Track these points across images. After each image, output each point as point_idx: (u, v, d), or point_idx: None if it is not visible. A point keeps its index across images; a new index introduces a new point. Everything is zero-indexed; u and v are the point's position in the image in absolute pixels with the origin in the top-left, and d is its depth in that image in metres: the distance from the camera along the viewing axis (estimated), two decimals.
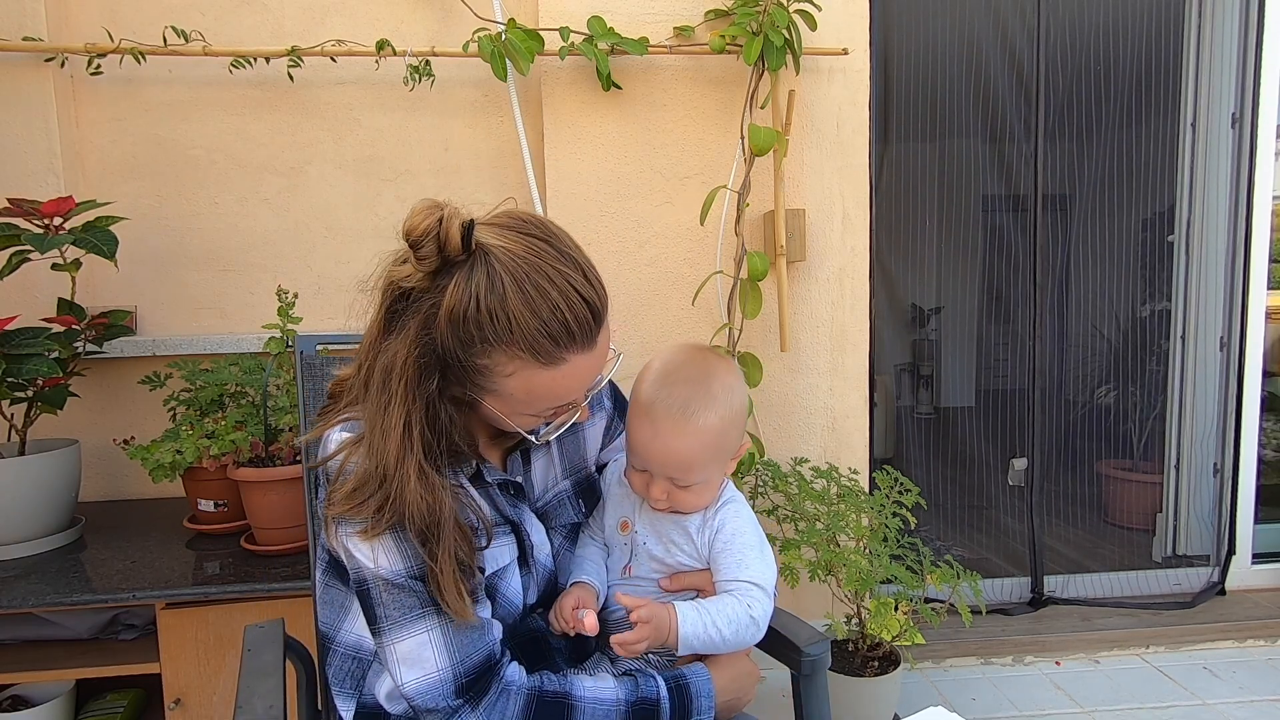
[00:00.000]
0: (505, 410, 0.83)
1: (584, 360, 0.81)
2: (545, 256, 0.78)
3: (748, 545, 0.95)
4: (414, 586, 0.82)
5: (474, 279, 0.76)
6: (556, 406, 0.85)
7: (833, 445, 2.31)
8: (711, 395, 0.91)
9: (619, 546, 1.01)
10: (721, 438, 0.92)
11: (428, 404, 0.80)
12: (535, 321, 0.76)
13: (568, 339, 0.78)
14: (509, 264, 0.76)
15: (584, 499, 1.04)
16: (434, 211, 0.75)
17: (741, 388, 0.96)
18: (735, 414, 0.94)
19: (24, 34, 1.93)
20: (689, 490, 0.93)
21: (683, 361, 0.94)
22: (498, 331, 0.76)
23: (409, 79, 2.03)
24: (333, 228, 2.20)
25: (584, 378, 0.83)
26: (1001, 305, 2.99)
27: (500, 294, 0.75)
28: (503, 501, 0.94)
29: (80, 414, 2.04)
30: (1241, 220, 2.58)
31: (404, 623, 0.82)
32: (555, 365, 0.79)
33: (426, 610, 0.82)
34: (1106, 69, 2.77)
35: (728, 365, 0.96)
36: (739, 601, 0.91)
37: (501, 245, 0.77)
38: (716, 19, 2.11)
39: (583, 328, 0.79)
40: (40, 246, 1.60)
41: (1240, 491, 2.65)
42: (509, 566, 0.93)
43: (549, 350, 0.78)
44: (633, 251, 2.19)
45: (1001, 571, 2.73)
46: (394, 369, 0.79)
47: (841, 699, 1.88)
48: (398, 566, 0.82)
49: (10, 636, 1.67)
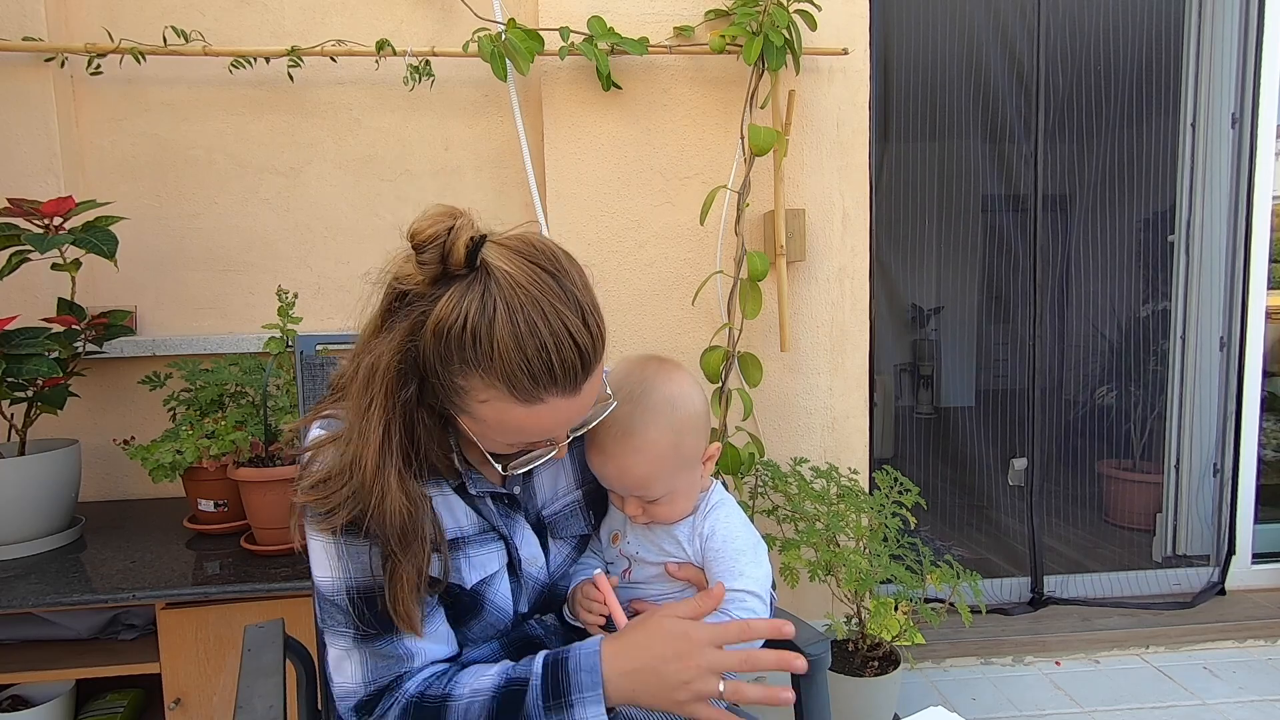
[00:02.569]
0: (478, 433, 0.81)
1: (564, 404, 0.77)
2: (547, 291, 0.74)
3: (739, 550, 0.93)
4: (340, 603, 0.84)
5: (468, 296, 0.73)
6: (531, 441, 0.83)
7: (832, 445, 2.31)
8: (650, 409, 0.89)
9: (614, 557, 1.01)
10: (673, 450, 0.90)
11: (405, 412, 0.79)
12: (518, 356, 0.72)
13: (549, 381, 0.74)
14: (507, 290, 0.73)
15: (594, 510, 1.03)
16: (447, 220, 0.73)
17: (687, 394, 0.92)
18: (683, 423, 0.91)
19: (24, 34, 1.93)
20: (659, 504, 0.92)
21: (621, 378, 0.92)
22: (479, 356, 0.73)
23: (409, 79, 2.03)
24: (333, 228, 2.20)
25: (561, 421, 0.79)
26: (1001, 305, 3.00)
27: (489, 319, 0.72)
28: (492, 512, 0.93)
29: (80, 414, 2.04)
30: (1241, 220, 2.58)
31: (331, 631, 0.87)
32: (531, 404, 0.75)
33: (348, 630, 0.85)
34: (1106, 69, 2.77)
35: (668, 375, 0.92)
36: (732, 617, 0.89)
37: (506, 270, 0.73)
38: (716, 19, 2.11)
39: (568, 372, 0.75)
40: (40, 246, 1.60)
41: (1240, 491, 2.65)
42: (497, 574, 0.92)
43: (527, 388, 0.74)
44: (632, 251, 2.19)
45: (1001, 571, 2.73)
46: (376, 371, 0.77)
47: (841, 699, 1.88)
48: (328, 575, 0.85)
49: (10, 636, 1.67)
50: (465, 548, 0.90)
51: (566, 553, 1.01)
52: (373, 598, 0.84)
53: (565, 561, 1.00)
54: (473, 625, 0.92)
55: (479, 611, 0.91)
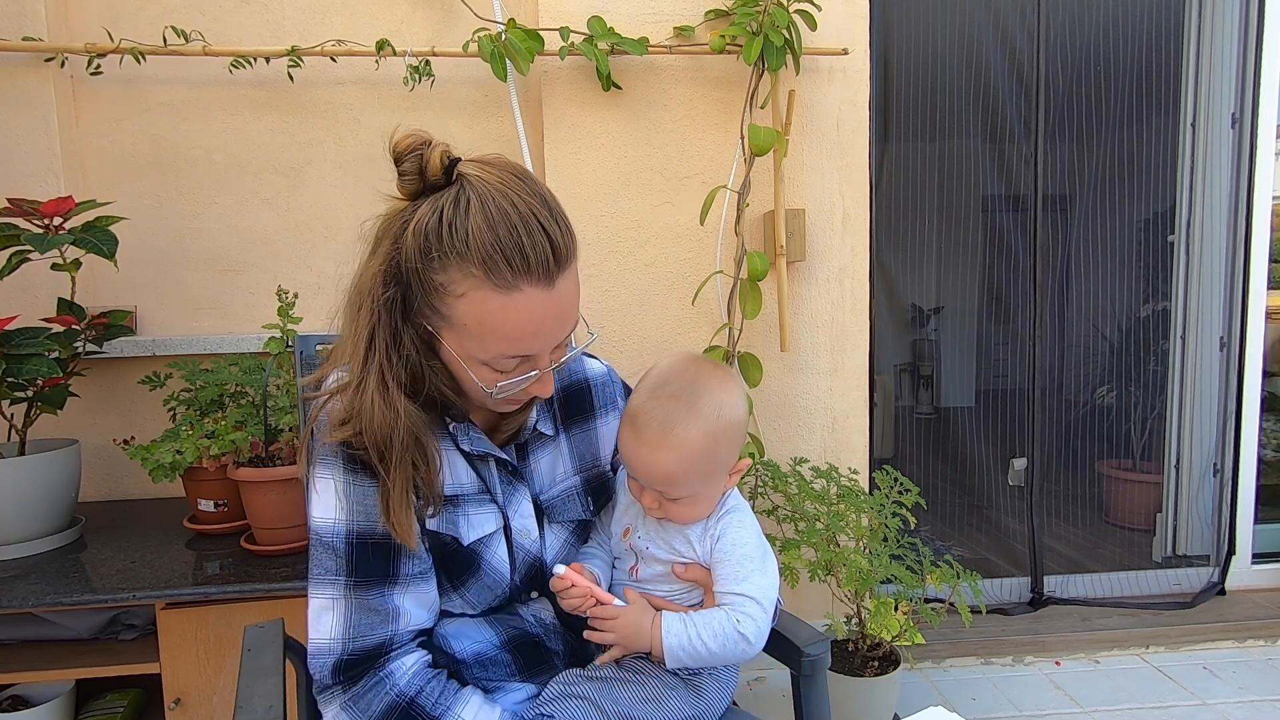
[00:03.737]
0: (461, 352, 0.83)
1: (540, 296, 0.80)
2: (516, 188, 0.80)
3: (747, 557, 0.93)
4: (336, 545, 0.85)
5: (444, 198, 0.79)
6: (513, 356, 0.83)
7: (833, 445, 2.31)
8: (697, 411, 0.89)
9: (622, 552, 1.01)
10: (707, 455, 0.90)
11: (390, 320, 0.83)
12: (490, 237, 0.77)
13: (522, 264, 0.78)
14: (480, 187, 0.79)
15: (593, 496, 1.04)
16: (420, 135, 0.80)
17: (735, 404, 0.93)
18: (723, 431, 0.91)
19: (24, 34, 1.93)
20: (678, 503, 0.92)
21: (675, 374, 0.92)
22: (454, 243, 0.77)
23: (409, 79, 2.03)
24: (333, 228, 2.20)
25: (539, 319, 0.81)
26: (1001, 305, 2.99)
27: (465, 209, 0.78)
28: (493, 477, 0.95)
29: (80, 414, 2.04)
30: (1241, 220, 2.58)
31: (318, 581, 0.86)
32: (507, 292, 0.78)
33: (338, 578, 0.85)
34: (1106, 69, 2.77)
35: (721, 380, 0.93)
36: (729, 617, 0.90)
37: (479, 175, 0.80)
38: (716, 19, 2.11)
39: (539, 258, 0.78)
40: (40, 246, 1.60)
41: (1240, 491, 2.65)
42: (494, 535, 0.93)
43: (501, 270, 0.77)
44: (632, 251, 2.19)
45: (1001, 571, 2.73)
46: (364, 285, 0.83)
47: (841, 699, 1.88)
48: (330, 515, 0.85)
49: (10, 636, 1.67)
50: (464, 505, 0.92)
51: (565, 538, 1.01)
52: (371, 544, 0.85)
53: (564, 547, 1.01)
54: (470, 585, 0.93)
55: (476, 570, 0.92)
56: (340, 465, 0.85)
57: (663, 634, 0.89)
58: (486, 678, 0.95)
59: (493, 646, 0.95)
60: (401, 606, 0.87)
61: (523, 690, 0.97)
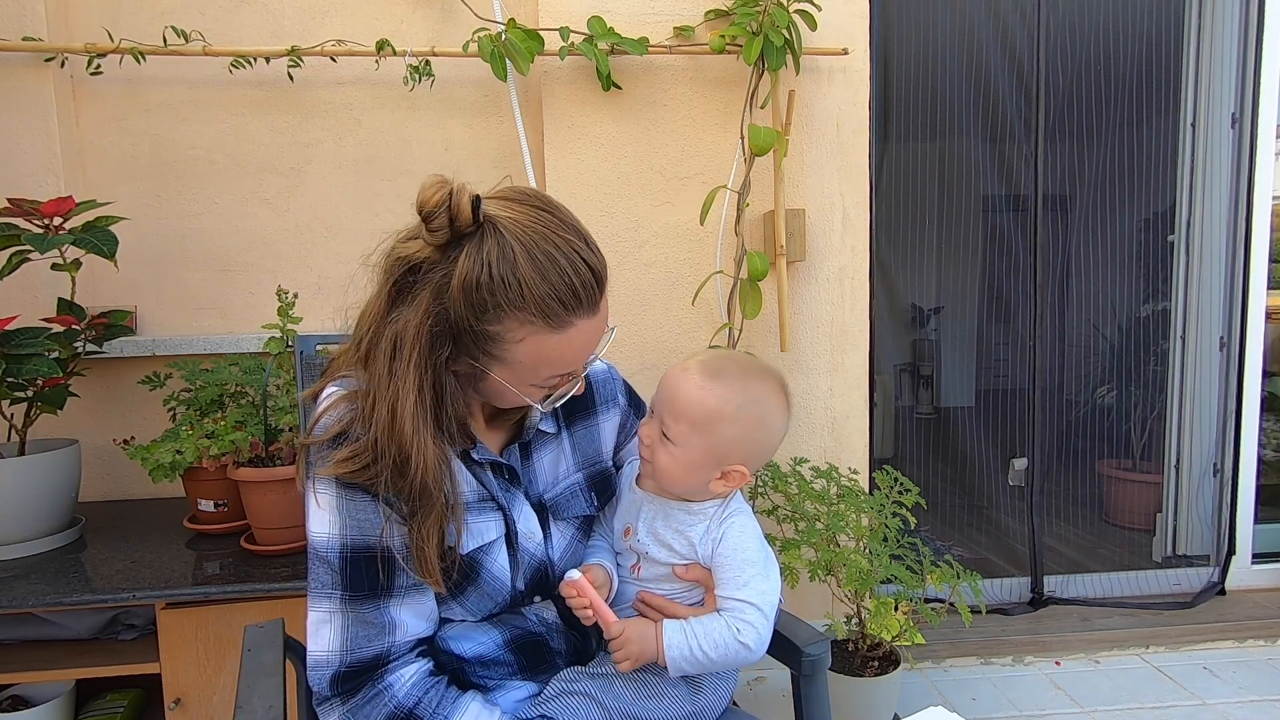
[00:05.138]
0: (512, 380, 0.85)
1: (589, 325, 0.85)
2: (550, 225, 0.82)
3: (748, 561, 0.93)
4: (331, 559, 0.85)
5: (485, 248, 0.79)
6: (560, 375, 0.88)
7: (833, 445, 2.31)
8: (746, 386, 0.93)
9: (624, 550, 1.01)
10: (720, 418, 0.92)
11: (436, 373, 0.83)
12: (545, 287, 0.79)
13: (575, 303, 0.82)
14: (517, 233, 0.80)
15: (596, 492, 1.04)
16: (444, 185, 0.78)
17: (776, 413, 0.95)
18: (748, 419, 0.93)
19: (24, 34, 1.93)
20: (666, 447, 0.94)
21: (750, 360, 0.98)
22: (510, 298, 0.79)
23: (409, 79, 2.03)
24: (333, 228, 2.20)
25: (588, 343, 0.87)
26: (1001, 305, 2.99)
27: (511, 261, 0.78)
28: (492, 482, 0.95)
29: (80, 414, 2.04)
30: (1241, 220, 2.58)
31: (315, 594, 0.86)
32: (563, 330, 0.82)
33: (334, 592, 0.85)
34: (1106, 69, 2.77)
35: (778, 393, 0.96)
36: (729, 626, 0.90)
37: (508, 216, 0.81)
38: (716, 19, 2.11)
39: (588, 292, 0.83)
40: (40, 246, 1.60)
41: (1240, 491, 2.65)
42: (495, 543, 0.93)
43: (559, 315, 0.81)
44: (633, 251, 2.19)
45: (1001, 571, 2.73)
46: (406, 338, 0.81)
47: (841, 699, 1.88)
48: (325, 530, 0.85)
49: (10, 636, 1.67)
50: (464, 514, 0.92)
51: (571, 534, 1.01)
52: (365, 558, 0.85)
53: (570, 543, 1.01)
54: (469, 594, 0.92)
55: (475, 579, 0.92)
56: (335, 479, 0.85)
57: (664, 646, 0.90)
58: (488, 675, 0.95)
59: (495, 647, 0.95)
60: (398, 619, 0.87)
61: (524, 689, 0.97)
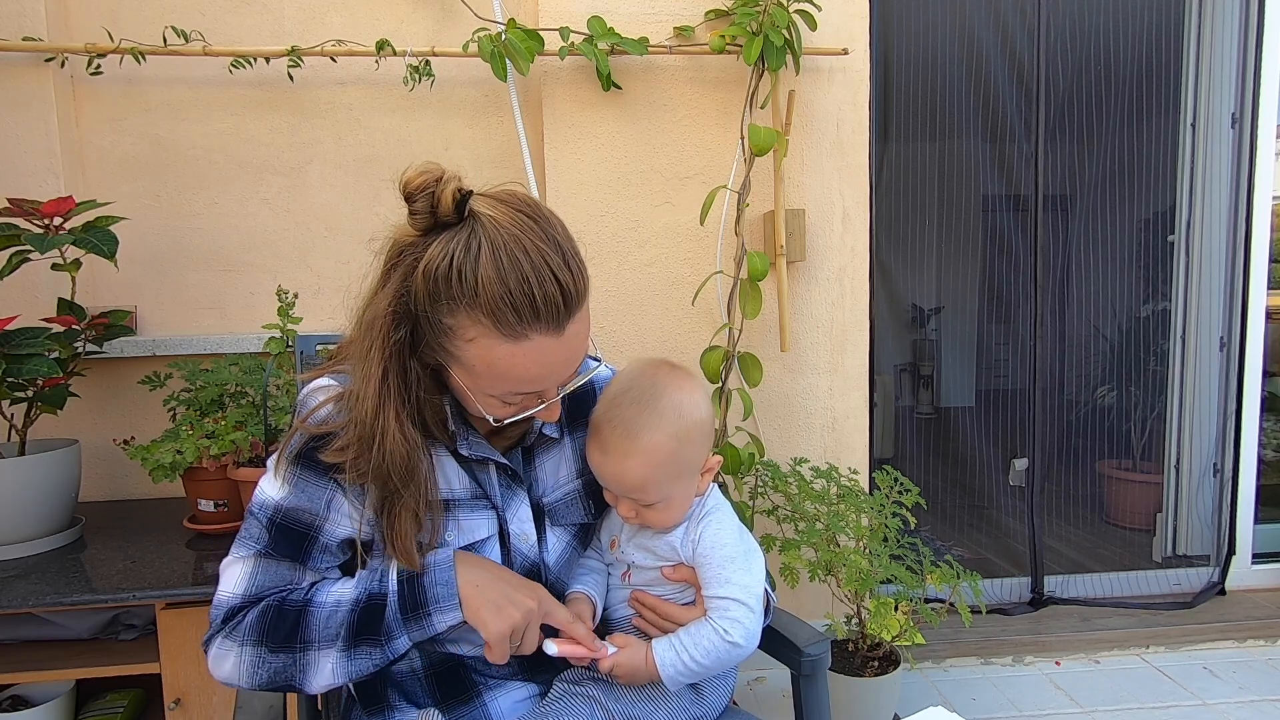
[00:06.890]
0: (469, 384, 0.83)
1: (549, 344, 0.80)
2: (528, 231, 0.78)
3: (727, 558, 0.93)
4: (263, 516, 0.87)
5: (456, 239, 0.78)
6: (521, 393, 0.84)
7: (833, 445, 2.31)
8: (658, 414, 0.89)
9: (613, 560, 1.01)
10: (674, 457, 0.90)
11: (400, 356, 0.83)
12: (500, 288, 0.76)
13: (532, 315, 0.77)
14: (491, 231, 0.77)
15: (594, 500, 1.03)
16: (430, 172, 0.78)
17: (696, 403, 0.93)
18: (687, 431, 0.91)
19: (24, 34, 1.93)
20: (653, 509, 0.92)
21: (633, 380, 0.93)
22: (464, 291, 0.77)
23: (409, 79, 2.03)
24: (333, 228, 2.20)
25: (547, 364, 0.82)
26: (1001, 305, 3.00)
27: (475, 256, 0.76)
28: (490, 481, 0.94)
29: (80, 414, 2.04)
30: (1241, 220, 2.58)
31: (240, 542, 0.89)
32: (516, 340, 0.78)
33: (257, 545, 0.87)
34: (1106, 69, 2.77)
35: (680, 381, 0.93)
36: (714, 630, 0.90)
37: (491, 215, 0.79)
38: (716, 19, 2.11)
39: (550, 307, 0.78)
40: (40, 246, 1.60)
41: (1240, 491, 2.65)
42: (486, 542, 0.93)
43: (510, 322, 0.77)
44: (633, 251, 2.19)
45: (1001, 571, 2.73)
46: (376, 319, 0.82)
47: (841, 699, 1.88)
48: (269, 492, 0.88)
49: (10, 636, 1.67)
50: (455, 510, 0.92)
51: (567, 540, 1.01)
52: (295, 531, 0.87)
53: (566, 549, 1.01)
54: None
55: None
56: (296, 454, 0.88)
57: (657, 666, 0.90)
58: (489, 674, 0.95)
59: None
60: (305, 579, 0.89)
61: (524, 689, 0.97)
